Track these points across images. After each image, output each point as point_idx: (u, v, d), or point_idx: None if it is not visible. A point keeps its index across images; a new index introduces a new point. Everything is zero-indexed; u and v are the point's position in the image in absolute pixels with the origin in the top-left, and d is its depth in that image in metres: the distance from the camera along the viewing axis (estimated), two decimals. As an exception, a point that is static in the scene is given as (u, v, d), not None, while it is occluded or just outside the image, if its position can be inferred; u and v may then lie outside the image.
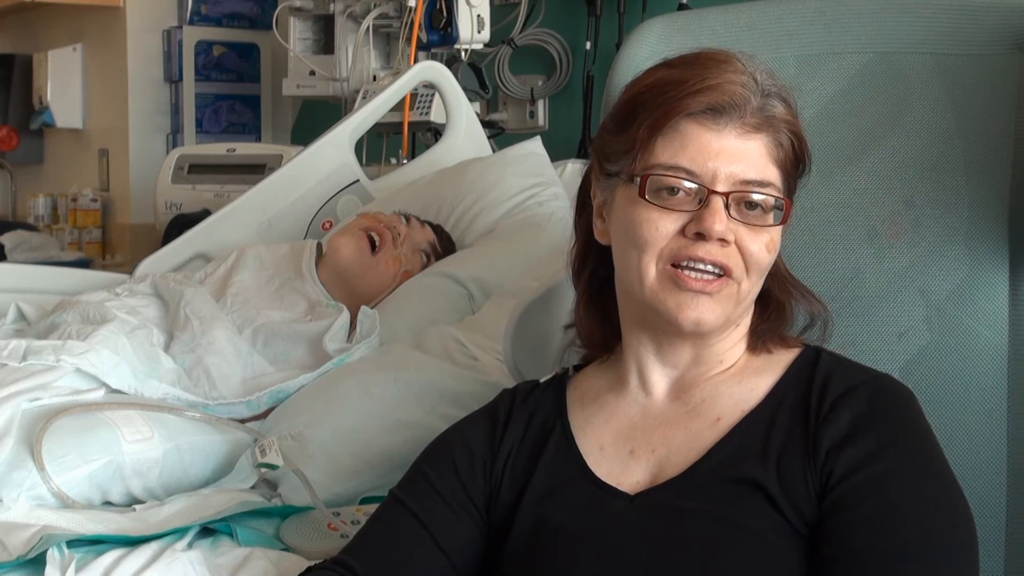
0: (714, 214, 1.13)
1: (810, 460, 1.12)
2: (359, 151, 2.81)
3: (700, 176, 1.14)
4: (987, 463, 1.35)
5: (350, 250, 2.18)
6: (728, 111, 1.14)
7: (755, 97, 1.15)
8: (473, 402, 1.69)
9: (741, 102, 1.14)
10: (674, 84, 1.15)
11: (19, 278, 2.46)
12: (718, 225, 1.12)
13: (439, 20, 2.95)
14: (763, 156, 1.15)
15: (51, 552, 1.38)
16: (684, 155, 1.14)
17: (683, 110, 1.14)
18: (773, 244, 1.17)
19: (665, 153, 1.15)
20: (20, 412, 1.67)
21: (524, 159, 2.48)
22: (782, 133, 1.17)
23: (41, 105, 4.65)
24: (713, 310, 1.15)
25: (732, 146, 1.14)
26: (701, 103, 1.14)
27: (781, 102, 1.17)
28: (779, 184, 1.17)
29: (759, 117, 1.15)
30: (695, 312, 1.15)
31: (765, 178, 1.15)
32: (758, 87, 1.16)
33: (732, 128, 1.14)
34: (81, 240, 4.40)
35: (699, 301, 1.15)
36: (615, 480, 1.19)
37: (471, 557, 1.23)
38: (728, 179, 1.14)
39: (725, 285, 1.15)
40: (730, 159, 1.14)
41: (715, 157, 1.14)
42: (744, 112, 1.14)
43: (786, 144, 1.17)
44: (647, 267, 1.16)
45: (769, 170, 1.16)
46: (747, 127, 1.15)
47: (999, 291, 1.37)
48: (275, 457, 1.65)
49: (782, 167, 1.17)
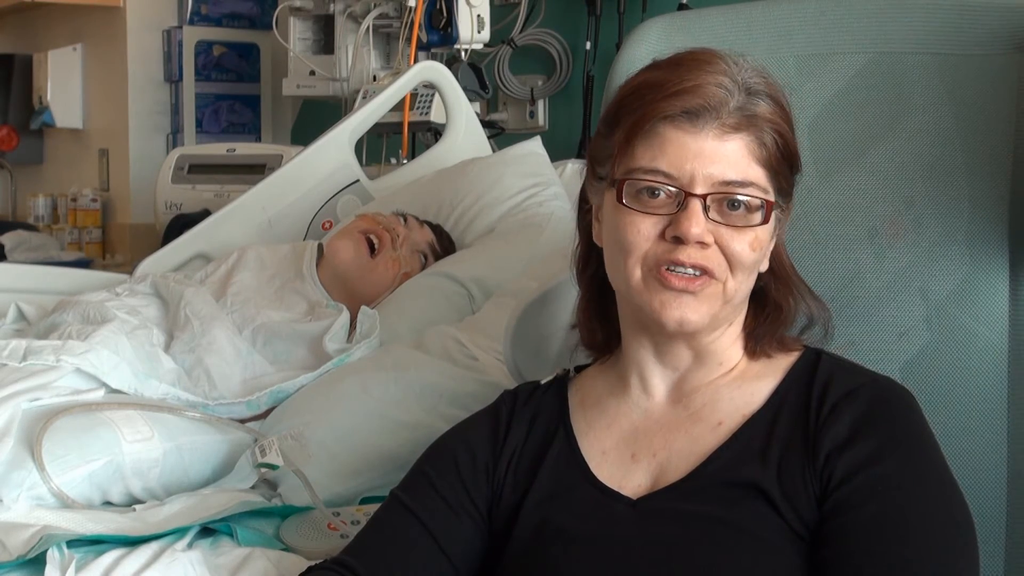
0: (691, 217, 1.12)
1: (810, 463, 1.12)
2: (359, 151, 2.81)
3: (678, 179, 1.13)
4: (987, 463, 1.34)
5: (349, 253, 2.18)
6: (704, 113, 1.13)
7: (735, 96, 1.14)
8: (473, 402, 1.69)
9: (717, 103, 1.13)
10: (653, 87, 1.15)
11: (19, 278, 2.46)
12: (695, 228, 1.12)
13: (439, 20, 2.95)
14: (744, 156, 1.14)
15: (51, 552, 1.38)
16: (663, 158, 1.14)
17: (659, 113, 1.14)
18: (759, 243, 1.16)
19: (644, 157, 1.15)
20: (20, 412, 1.67)
21: (524, 159, 2.47)
22: (765, 132, 1.15)
23: (41, 105, 4.65)
24: (697, 309, 1.15)
25: (710, 147, 1.13)
26: (677, 106, 1.13)
27: (767, 100, 1.16)
28: (764, 183, 1.15)
29: (738, 117, 1.14)
30: (678, 311, 1.15)
31: (746, 178, 1.14)
32: (738, 86, 1.15)
33: (710, 129, 1.13)
34: (81, 240, 4.40)
35: (682, 300, 1.14)
36: (617, 484, 1.19)
37: (472, 559, 1.23)
38: (707, 181, 1.13)
39: (708, 284, 1.15)
40: (709, 160, 1.13)
41: (693, 159, 1.13)
42: (721, 112, 1.13)
43: (770, 143, 1.16)
44: (632, 269, 1.16)
45: (752, 170, 1.15)
46: (726, 128, 1.14)
47: (999, 291, 1.36)
48: (275, 457, 1.65)
49: (767, 166, 1.16)
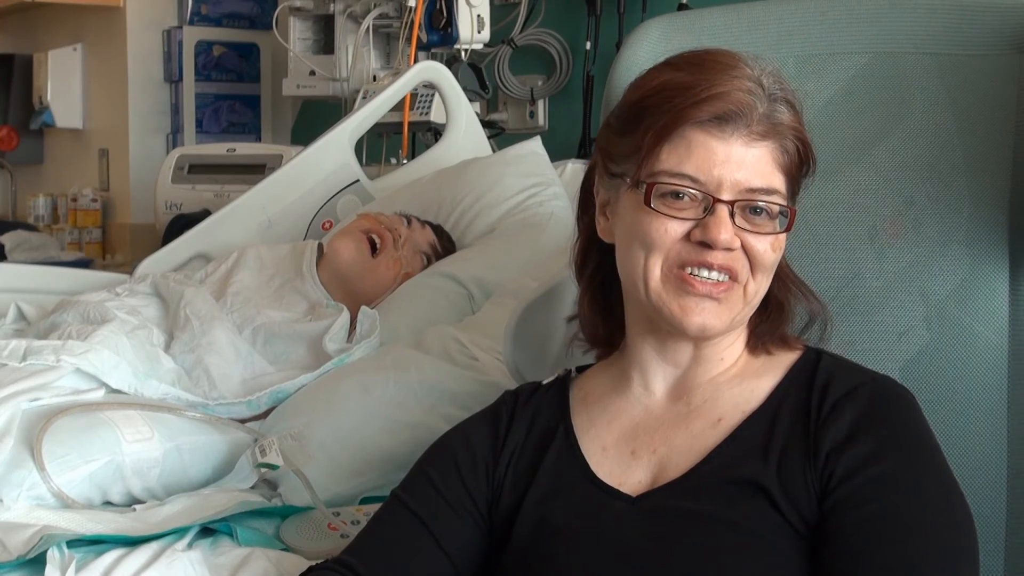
0: (719, 223, 1.13)
1: (811, 462, 1.12)
2: (359, 151, 2.81)
3: (705, 184, 1.13)
4: (987, 463, 1.35)
5: (350, 252, 2.18)
6: (734, 119, 1.13)
7: (761, 104, 1.14)
8: (473, 402, 1.70)
9: (747, 110, 1.13)
10: (680, 90, 1.14)
11: (19, 278, 2.46)
12: (724, 235, 1.12)
13: (439, 20, 2.95)
14: (769, 163, 1.15)
15: (51, 552, 1.38)
16: (690, 163, 1.13)
17: (689, 119, 1.13)
18: (779, 244, 1.17)
19: (671, 160, 1.14)
20: (20, 412, 1.67)
21: (524, 159, 2.47)
22: (788, 139, 1.16)
23: (41, 105, 4.65)
24: (720, 316, 1.15)
25: (738, 154, 1.13)
26: (707, 112, 1.13)
27: (787, 107, 1.16)
28: (784, 190, 1.16)
29: (765, 124, 1.14)
30: (700, 318, 1.15)
31: (771, 185, 1.15)
32: (764, 93, 1.15)
33: (738, 136, 1.13)
34: (81, 240, 4.40)
35: (704, 306, 1.15)
36: (616, 481, 1.19)
37: (473, 558, 1.23)
38: (733, 187, 1.13)
39: (731, 289, 1.15)
40: (736, 167, 1.13)
41: (721, 165, 1.13)
42: (751, 120, 1.13)
43: (791, 150, 1.16)
44: (652, 269, 1.15)
45: (775, 177, 1.15)
46: (753, 135, 1.14)
47: (999, 291, 1.36)
48: (275, 457, 1.65)
49: (787, 173, 1.17)
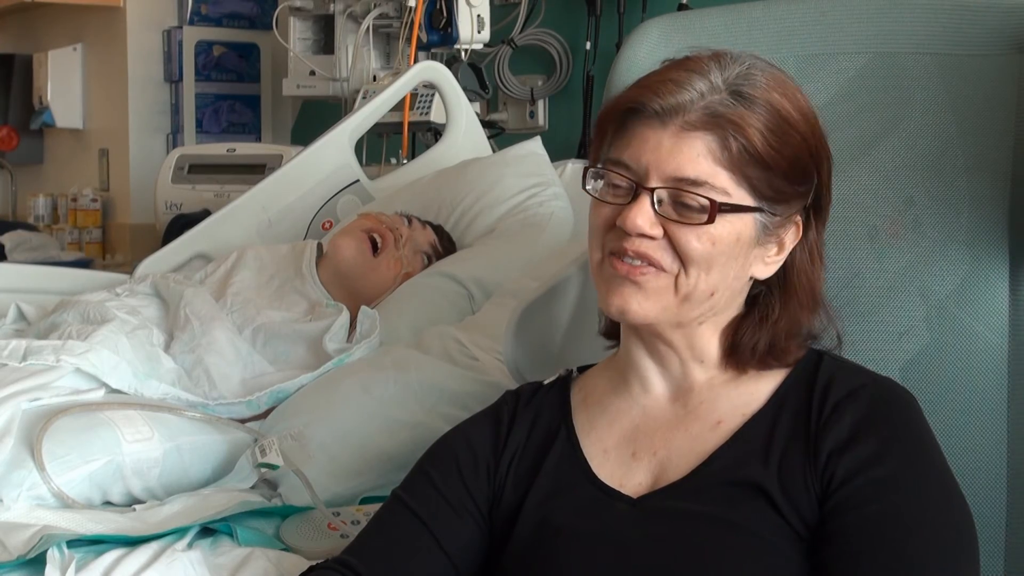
0: (633, 209, 1.14)
1: (811, 463, 1.12)
2: (359, 151, 2.81)
3: (635, 171, 1.15)
4: (987, 463, 1.34)
5: (351, 251, 2.18)
6: (673, 111, 1.13)
7: (707, 96, 1.13)
8: (473, 402, 1.70)
9: (685, 101, 1.13)
10: (637, 83, 1.18)
11: (19, 278, 2.46)
12: (637, 220, 1.13)
13: (439, 20, 2.95)
14: (703, 155, 1.13)
15: (51, 552, 1.38)
16: (627, 151, 1.16)
17: (623, 105, 1.16)
18: (712, 238, 1.13)
19: (613, 149, 1.18)
20: (20, 412, 1.67)
21: (524, 159, 2.47)
22: (729, 133, 1.13)
23: (41, 105, 4.65)
24: (642, 303, 1.15)
25: (669, 143, 1.14)
26: (640, 100, 1.15)
27: (754, 106, 1.14)
28: (721, 185, 1.13)
29: (702, 115, 1.13)
30: (620, 299, 1.16)
31: (699, 177, 1.13)
32: (716, 88, 1.14)
33: (674, 126, 1.14)
34: (81, 240, 4.40)
35: (624, 289, 1.15)
36: (617, 483, 1.19)
37: (473, 559, 1.24)
38: (661, 175, 1.13)
39: (656, 276, 1.14)
40: (667, 155, 1.13)
41: (651, 152, 1.14)
42: (688, 110, 1.13)
43: (734, 146, 1.13)
44: (593, 253, 1.19)
45: (709, 169, 1.13)
46: (688, 125, 1.13)
47: (999, 291, 1.36)
48: (275, 457, 1.65)
49: (731, 168, 1.13)
